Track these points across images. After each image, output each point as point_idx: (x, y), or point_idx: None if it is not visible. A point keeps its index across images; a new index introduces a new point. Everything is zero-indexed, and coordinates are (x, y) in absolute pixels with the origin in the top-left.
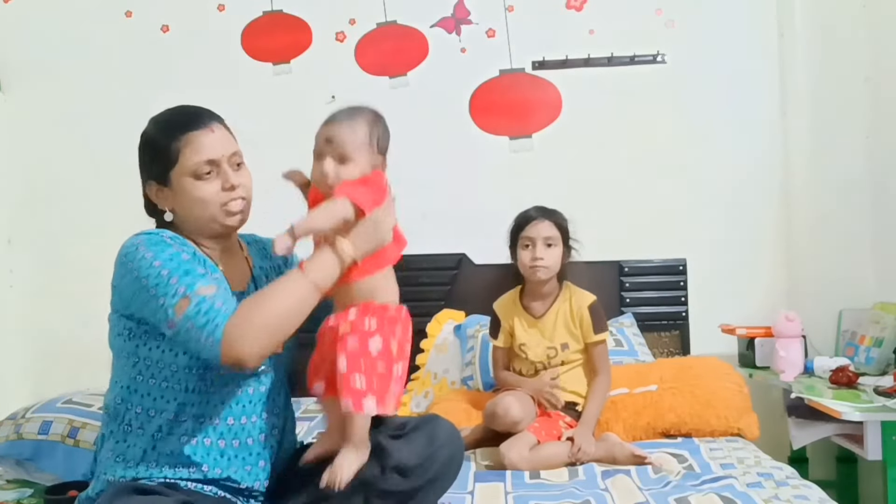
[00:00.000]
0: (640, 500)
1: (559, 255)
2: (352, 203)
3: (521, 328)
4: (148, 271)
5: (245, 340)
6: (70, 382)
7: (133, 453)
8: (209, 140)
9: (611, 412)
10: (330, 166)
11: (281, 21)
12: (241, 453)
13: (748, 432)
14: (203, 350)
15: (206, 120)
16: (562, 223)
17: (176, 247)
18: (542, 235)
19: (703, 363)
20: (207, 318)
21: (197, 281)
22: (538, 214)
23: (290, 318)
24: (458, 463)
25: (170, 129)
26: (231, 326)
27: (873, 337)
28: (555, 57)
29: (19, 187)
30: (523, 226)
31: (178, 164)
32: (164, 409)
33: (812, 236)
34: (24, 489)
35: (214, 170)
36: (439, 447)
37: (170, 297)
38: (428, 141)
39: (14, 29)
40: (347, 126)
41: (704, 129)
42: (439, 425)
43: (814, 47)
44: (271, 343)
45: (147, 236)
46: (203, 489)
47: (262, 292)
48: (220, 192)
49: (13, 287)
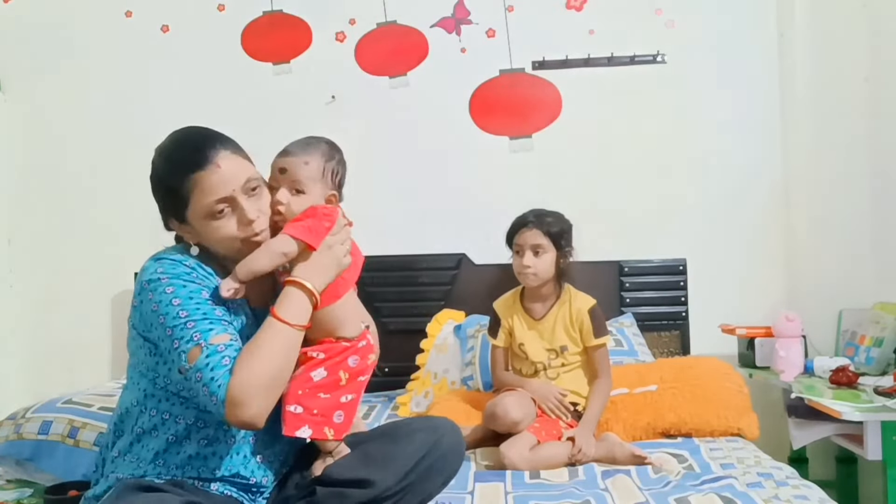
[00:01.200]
0: (640, 500)
1: (550, 260)
2: (293, 238)
3: (520, 328)
4: (167, 309)
5: (248, 404)
6: (70, 382)
7: (145, 454)
8: (217, 178)
9: (611, 412)
10: (284, 196)
11: (281, 21)
12: (248, 451)
13: (748, 432)
14: (208, 406)
15: (210, 154)
16: (552, 229)
17: (198, 282)
18: (530, 243)
19: (703, 363)
20: (213, 376)
21: (212, 329)
22: (528, 221)
23: (284, 368)
24: (439, 466)
25: (176, 169)
26: (234, 389)
27: (873, 337)
28: (555, 57)
29: (19, 187)
30: (514, 232)
31: (190, 207)
32: (182, 414)
33: (812, 236)
34: (24, 489)
35: (229, 206)
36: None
37: (184, 343)
38: (428, 141)
39: (14, 29)
40: (302, 157)
41: (704, 129)
42: (403, 430)
43: (814, 47)
44: (273, 398)
45: (171, 264)
46: (209, 487)
47: (251, 350)
48: (240, 229)
49: (13, 287)
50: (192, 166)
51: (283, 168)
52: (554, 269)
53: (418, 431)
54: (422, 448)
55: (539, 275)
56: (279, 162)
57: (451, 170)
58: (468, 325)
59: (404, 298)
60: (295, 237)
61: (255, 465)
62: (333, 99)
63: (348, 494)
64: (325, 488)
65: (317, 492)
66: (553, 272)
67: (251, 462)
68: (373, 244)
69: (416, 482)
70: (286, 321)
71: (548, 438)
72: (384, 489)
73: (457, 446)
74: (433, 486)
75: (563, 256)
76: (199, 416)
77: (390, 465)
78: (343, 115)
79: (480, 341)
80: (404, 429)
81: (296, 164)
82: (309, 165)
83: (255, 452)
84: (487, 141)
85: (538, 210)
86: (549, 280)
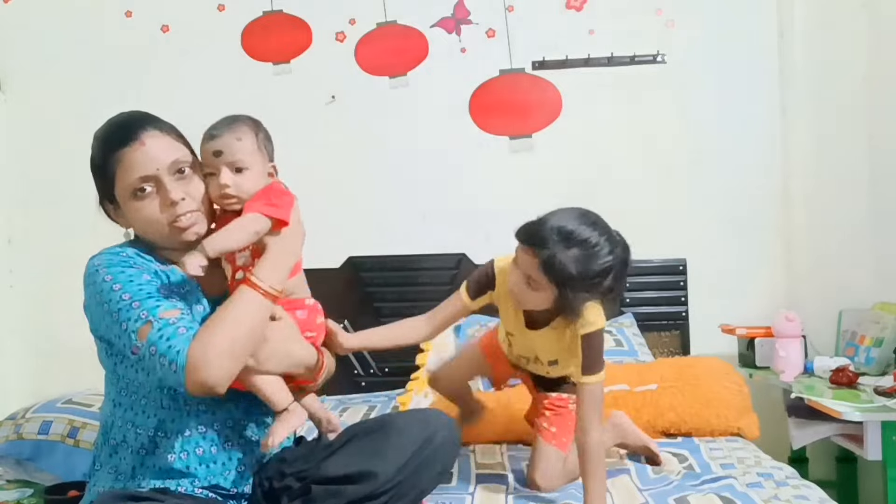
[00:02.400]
0: (640, 500)
1: (546, 299)
2: (266, 217)
3: (510, 319)
4: (109, 296)
5: (210, 366)
6: (70, 382)
7: (124, 467)
8: (139, 155)
9: (611, 408)
10: (228, 177)
11: (281, 21)
12: (222, 459)
13: (748, 432)
14: (167, 376)
15: (135, 132)
16: (557, 272)
17: (137, 267)
18: (523, 270)
19: (703, 363)
20: (170, 344)
21: (159, 305)
22: (535, 243)
23: (252, 334)
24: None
25: (103, 147)
26: (194, 352)
27: (873, 337)
28: (555, 57)
29: (19, 187)
30: (518, 238)
31: (116, 185)
32: (144, 424)
33: (812, 236)
34: (24, 489)
35: (153, 186)
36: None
37: (132, 322)
38: (428, 141)
39: (14, 29)
40: (232, 135)
41: (704, 129)
42: (395, 425)
43: (814, 47)
44: (237, 364)
45: (108, 257)
46: (194, 492)
47: (219, 314)
48: (164, 210)
49: (13, 287)
50: (117, 143)
51: (218, 151)
52: (551, 306)
53: (411, 425)
54: (416, 441)
55: (524, 304)
56: (210, 146)
57: (451, 170)
58: (468, 326)
59: (404, 298)
60: (267, 215)
61: (235, 476)
62: (333, 99)
63: (343, 491)
64: (320, 486)
65: (311, 490)
66: (550, 307)
67: (232, 472)
68: (373, 244)
69: (411, 476)
70: (262, 288)
71: (570, 439)
72: (382, 482)
73: (451, 439)
74: (428, 480)
75: (567, 303)
76: (160, 427)
77: (385, 459)
78: (343, 115)
79: None
80: (397, 422)
81: (229, 142)
82: (242, 141)
83: (232, 462)
84: (487, 141)
85: (574, 218)
86: (543, 310)
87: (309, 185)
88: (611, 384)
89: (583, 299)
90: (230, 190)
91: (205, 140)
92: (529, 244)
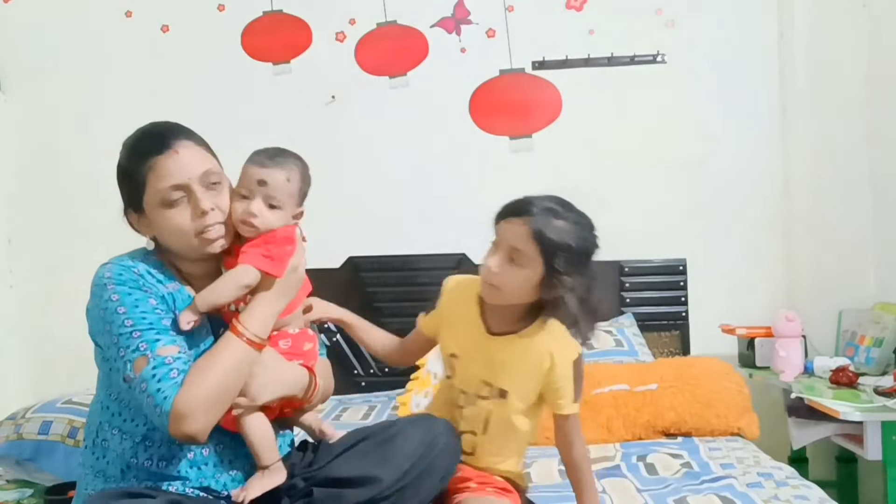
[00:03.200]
0: (640, 502)
1: (529, 280)
2: (257, 269)
3: (463, 331)
4: (113, 317)
5: (194, 418)
6: (70, 382)
7: (112, 471)
8: (173, 163)
9: (612, 408)
10: (259, 208)
11: (281, 21)
12: (212, 462)
13: (748, 432)
14: (152, 417)
15: (169, 141)
16: (548, 237)
17: (145, 290)
18: (509, 243)
19: (703, 363)
20: (159, 387)
21: (159, 339)
22: (524, 210)
23: (237, 383)
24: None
25: (135, 154)
26: (179, 402)
27: (873, 337)
28: (555, 57)
29: (19, 187)
30: (501, 216)
31: (146, 193)
32: (133, 431)
33: (812, 236)
34: (24, 489)
35: (184, 195)
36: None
37: (130, 352)
38: (428, 141)
39: (14, 29)
40: (283, 173)
41: (704, 129)
42: (403, 431)
43: (814, 47)
44: (219, 413)
45: (118, 270)
46: (185, 492)
47: (207, 361)
48: (194, 220)
49: (13, 287)
50: (150, 151)
51: (263, 181)
52: (530, 296)
53: (414, 430)
54: (418, 447)
55: (502, 291)
56: (258, 173)
57: (451, 170)
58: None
59: (404, 298)
60: (258, 268)
61: (227, 479)
62: (333, 99)
63: (345, 495)
64: (321, 489)
65: (314, 493)
66: (525, 299)
67: (223, 475)
68: (373, 244)
69: (413, 481)
70: (245, 337)
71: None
72: (384, 487)
73: (453, 445)
74: (430, 486)
75: (552, 286)
76: (147, 435)
77: (388, 464)
78: (343, 115)
79: None
80: (400, 427)
81: (278, 178)
82: (290, 183)
83: (223, 464)
84: (487, 141)
85: (557, 199)
86: (516, 307)
87: None
88: (611, 384)
89: (564, 285)
90: (256, 221)
91: (253, 163)
92: (518, 215)
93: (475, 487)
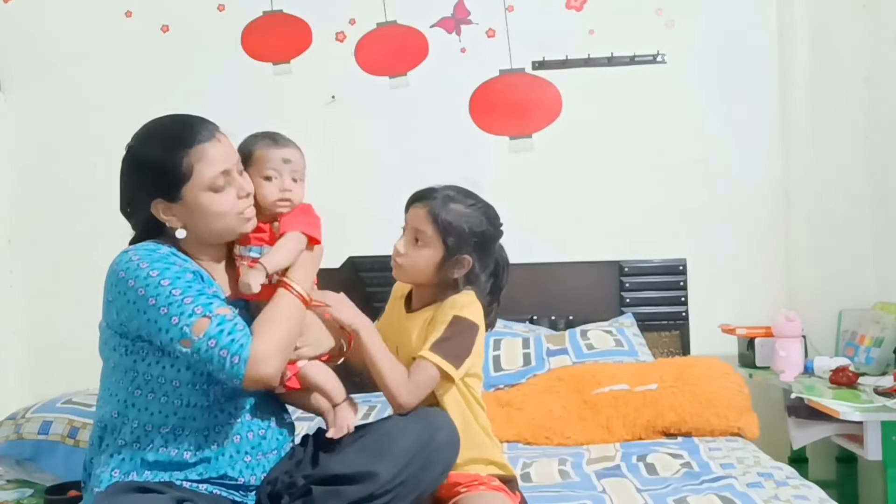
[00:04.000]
0: (640, 502)
1: (431, 259)
2: (306, 235)
3: (395, 318)
4: (157, 291)
5: (270, 360)
6: (70, 382)
7: (128, 467)
8: (221, 150)
9: (612, 407)
10: (290, 183)
11: (281, 21)
12: (230, 451)
13: (748, 432)
14: (224, 369)
15: (212, 129)
16: (445, 219)
17: (178, 265)
18: (412, 225)
19: (703, 363)
20: (233, 338)
21: (213, 301)
22: (426, 196)
23: (297, 332)
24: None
25: (176, 143)
26: (256, 347)
27: (873, 337)
28: (555, 57)
29: (19, 187)
30: (409, 203)
31: (191, 180)
32: (163, 423)
33: (812, 236)
34: (24, 489)
35: (228, 180)
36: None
37: (186, 317)
38: (428, 141)
39: (14, 29)
40: (297, 149)
41: (704, 130)
42: (396, 426)
43: (814, 47)
44: (286, 360)
45: (146, 252)
46: (198, 488)
47: (271, 313)
48: (237, 201)
49: (13, 287)
50: (195, 138)
51: (287, 159)
52: (433, 275)
53: (413, 425)
54: (417, 442)
55: (406, 270)
56: (281, 153)
57: (451, 170)
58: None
59: None
60: (307, 234)
61: (242, 466)
62: (333, 99)
63: (344, 492)
64: (320, 486)
65: (313, 491)
66: (432, 278)
67: (238, 463)
68: (373, 244)
69: (413, 476)
70: (296, 292)
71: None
72: (383, 483)
73: (452, 439)
74: (429, 480)
75: (451, 266)
76: (179, 424)
77: (387, 459)
78: (343, 114)
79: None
80: (398, 423)
81: (296, 154)
82: (303, 157)
83: (242, 452)
84: (487, 141)
85: (457, 187)
86: (425, 283)
87: (309, 185)
88: (611, 384)
89: (465, 264)
90: (291, 195)
91: (270, 145)
92: (421, 200)
93: (465, 492)
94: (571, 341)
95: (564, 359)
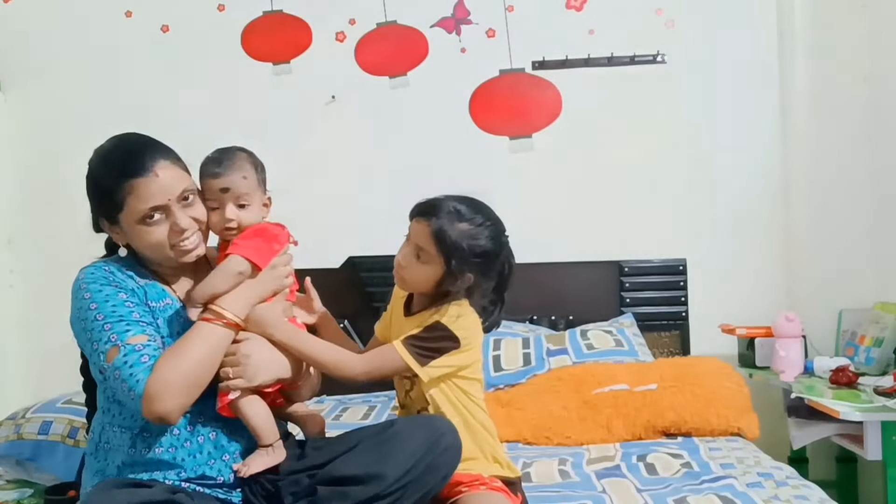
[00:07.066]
0: (640, 502)
1: (431, 276)
2: (245, 259)
3: (393, 321)
4: (86, 315)
5: (164, 399)
6: (70, 382)
7: (111, 470)
8: (154, 187)
9: (612, 407)
10: (233, 212)
11: (281, 21)
12: (207, 449)
13: (748, 432)
14: (126, 402)
15: (148, 163)
16: (447, 239)
17: (114, 284)
18: (415, 241)
19: (703, 363)
20: (131, 372)
21: (129, 329)
22: (429, 212)
23: (208, 366)
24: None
25: (113, 174)
26: (151, 384)
27: (873, 337)
28: (555, 57)
29: (19, 187)
30: (413, 214)
31: (123, 211)
32: (132, 425)
33: (812, 236)
34: (24, 489)
35: (163, 214)
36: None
37: (102, 344)
38: (428, 141)
39: (14, 29)
40: (237, 173)
41: (704, 130)
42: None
43: (814, 47)
44: (192, 396)
45: (90, 271)
46: (181, 485)
47: (179, 347)
48: (171, 235)
49: (13, 287)
50: (130, 172)
51: (225, 188)
52: (433, 288)
53: (418, 429)
54: (422, 445)
55: (407, 282)
56: (217, 183)
57: (450, 170)
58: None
59: None
60: (246, 258)
61: (221, 465)
62: (333, 99)
63: (349, 493)
64: (326, 487)
65: (318, 491)
66: (432, 290)
67: (217, 462)
68: (373, 244)
69: (417, 479)
70: (222, 321)
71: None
72: (388, 484)
73: (456, 444)
74: (433, 484)
75: (452, 282)
76: (145, 427)
77: (392, 462)
78: (343, 115)
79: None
80: (404, 426)
81: (235, 180)
82: (247, 179)
83: (218, 451)
84: (487, 141)
85: (466, 200)
86: (424, 293)
87: (309, 185)
88: (611, 384)
89: (466, 281)
90: (234, 224)
91: (209, 175)
92: (425, 215)
93: (467, 492)
94: (571, 341)
95: (564, 359)
